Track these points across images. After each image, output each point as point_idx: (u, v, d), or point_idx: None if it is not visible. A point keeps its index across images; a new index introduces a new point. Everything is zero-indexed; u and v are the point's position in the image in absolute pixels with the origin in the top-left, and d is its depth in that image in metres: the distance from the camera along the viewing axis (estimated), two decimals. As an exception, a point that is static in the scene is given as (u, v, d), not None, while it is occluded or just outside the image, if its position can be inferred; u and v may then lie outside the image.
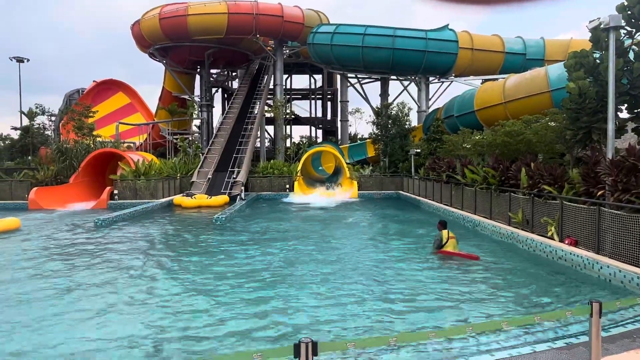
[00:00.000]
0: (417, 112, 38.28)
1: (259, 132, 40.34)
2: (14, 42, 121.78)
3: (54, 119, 45.53)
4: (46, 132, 44.24)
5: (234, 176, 30.15)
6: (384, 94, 42.71)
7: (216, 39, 38.66)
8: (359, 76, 41.40)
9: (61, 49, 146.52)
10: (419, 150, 29.62)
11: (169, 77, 46.77)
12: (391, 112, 34.32)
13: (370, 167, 35.72)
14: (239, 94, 42.51)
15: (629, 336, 5.65)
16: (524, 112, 21.11)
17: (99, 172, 28.99)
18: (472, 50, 34.91)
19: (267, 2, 38.51)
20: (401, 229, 17.01)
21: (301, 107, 55.86)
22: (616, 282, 8.61)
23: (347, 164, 33.06)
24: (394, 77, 40.56)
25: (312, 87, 58.69)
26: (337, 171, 37.34)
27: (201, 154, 35.46)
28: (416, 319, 7.13)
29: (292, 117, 44.16)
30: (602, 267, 9.12)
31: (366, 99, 41.63)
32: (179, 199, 26.30)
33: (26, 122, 40.21)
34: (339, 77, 48.84)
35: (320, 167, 44.10)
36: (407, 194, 28.72)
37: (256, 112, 38.16)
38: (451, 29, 35.00)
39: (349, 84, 44.14)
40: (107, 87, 49.57)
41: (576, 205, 10.79)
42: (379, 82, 43.09)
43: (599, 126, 11.79)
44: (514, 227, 13.54)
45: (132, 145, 41.74)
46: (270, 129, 51.44)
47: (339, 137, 50.20)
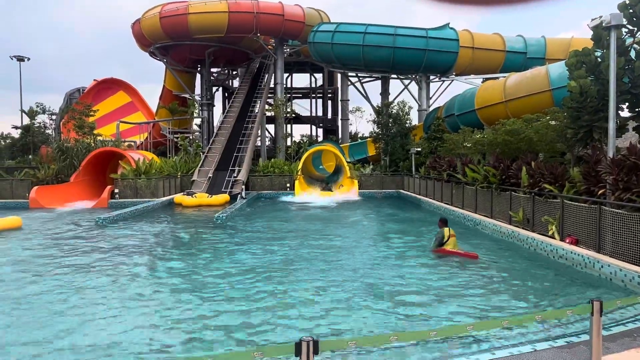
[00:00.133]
0: (418, 110, 38.22)
1: (259, 131, 40.34)
2: (14, 42, 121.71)
3: (54, 117, 45.59)
4: (47, 131, 44.19)
5: (235, 175, 30.16)
6: (385, 92, 42.66)
7: (217, 37, 38.61)
8: (359, 75, 41.34)
9: (61, 48, 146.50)
10: (419, 149, 29.62)
11: (169, 76, 46.78)
12: (392, 111, 34.31)
13: (370, 166, 35.71)
14: (239, 92, 42.48)
15: (630, 335, 5.66)
16: (524, 111, 21.09)
17: (100, 171, 29.01)
18: (472, 49, 34.83)
19: (268, 1, 38.40)
20: (402, 227, 17.01)
21: (302, 106, 55.78)
22: (617, 281, 8.61)
23: (347, 162, 33.05)
24: (395, 76, 40.49)
25: (313, 85, 58.62)
26: (338, 170, 37.30)
27: (202, 153, 35.44)
28: (417, 318, 7.13)
29: (293, 115, 44.12)
30: (602, 266, 9.12)
31: (367, 98, 41.57)
32: (179, 197, 26.32)
33: (27, 121, 40.16)
34: (339, 75, 48.82)
35: (320, 166, 44.06)
36: (408, 193, 28.72)
37: (257, 111, 38.16)
38: (452, 28, 34.93)
39: (349, 83, 44.10)
40: (108, 86, 49.58)
41: (577, 204, 10.79)
42: (379, 81, 43.02)
43: (600, 125, 11.78)
44: (515, 226, 13.54)
45: (132, 144, 41.76)
46: (270, 127, 51.49)
47: (340, 136, 50.21)
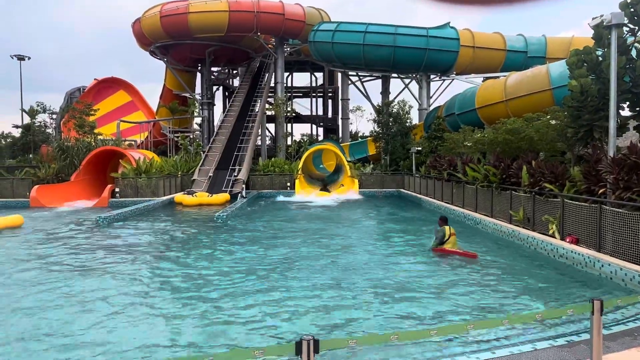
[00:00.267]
0: (418, 110, 38.19)
1: (260, 130, 40.33)
2: (14, 41, 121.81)
3: (55, 117, 45.58)
4: (47, 130, 44.30)
5: (235, 174, 30.16)
6: (385, 91, 42.64)
7: (217, 36, 38.59)
8: (360, 74, 41.33)
9: (61, 48, 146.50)
10: (420, 148, 29.62)
11: (169, 75, 46.77)
12: (392, 110, 34.30)
13: (371, 165, 35.71)
14: (239, 92, 42.47)
15: (630, 334, 5.65)
16: (525, 110, 21.07)
17: (100, 170, 29.02)
18: (473, 48, 34.78)
19: (268, 0, 38.41)
20: (402, 227, 17.02)
21: (302, 105, 55.84)
22: (617, 280, 8.61)
23: (348, 162, 33.06)
24: (395, 75, 40.48)
25: (313, 85, 58.63)
26: (338, 169, 37.31)
27: (202, 152, 35.44)
28: (417, 317, 7.14)
29: (293, 115, 44.14)
30: (603, 265, 9.11)
31: (367, 97, 41.58)
32: (180, 196, 26.33)
33: (27, 120, 40.22)
34: (340, 75, 48.82)
35: (321, 165, 44.06)
36: (409, 192, 28.72)
37: (257, 110, 38.14)
38: (452, 27, 34.89)
39: (350, 82, 44.09)
40: (108, 85, 49.56)
41: (577, 203, 10.78)
42: (380, 80, 42.99)
43: (601, 124, 11.77)
44: (515, 225, 13.53)
45: (133, 143, 41.74)
46: (271, 127, 51.49)
47: (340, 135, 50.20)
